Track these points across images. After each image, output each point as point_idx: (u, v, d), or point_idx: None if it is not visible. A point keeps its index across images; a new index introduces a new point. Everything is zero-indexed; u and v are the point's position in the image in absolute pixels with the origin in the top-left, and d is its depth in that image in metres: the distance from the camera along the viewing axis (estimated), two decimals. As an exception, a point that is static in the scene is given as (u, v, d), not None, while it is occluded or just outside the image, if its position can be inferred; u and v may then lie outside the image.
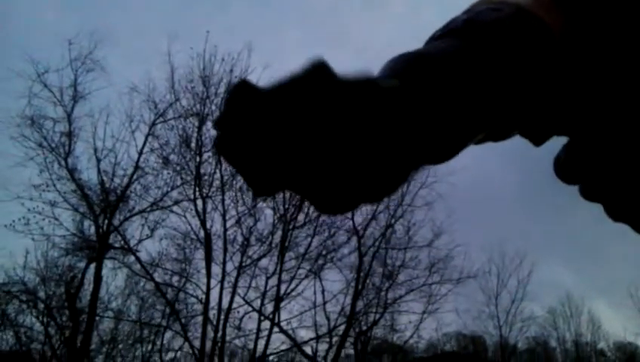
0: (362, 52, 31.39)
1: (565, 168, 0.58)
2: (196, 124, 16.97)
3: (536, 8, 0.52)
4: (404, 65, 0.49)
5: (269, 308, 17.17)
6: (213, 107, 17.06)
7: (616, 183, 0.57)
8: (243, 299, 16.88)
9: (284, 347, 17.82)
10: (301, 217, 17.29)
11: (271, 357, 17.93)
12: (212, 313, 16.33)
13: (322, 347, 18.21)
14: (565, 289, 31.07)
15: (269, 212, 17.26)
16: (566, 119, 0.55)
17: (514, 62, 0.49)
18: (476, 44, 0.50)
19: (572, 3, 0.54)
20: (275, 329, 17.02)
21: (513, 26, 0.51)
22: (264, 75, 17.11)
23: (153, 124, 16.82)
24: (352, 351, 19.56)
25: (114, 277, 17.57)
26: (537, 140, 0.57)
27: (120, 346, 18.24)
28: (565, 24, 0.53)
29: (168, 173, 16.78)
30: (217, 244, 16.62)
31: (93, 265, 16.11)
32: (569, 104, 0.54)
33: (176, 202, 16.70)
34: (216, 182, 16.79)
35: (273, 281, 17.04)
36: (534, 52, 0.50)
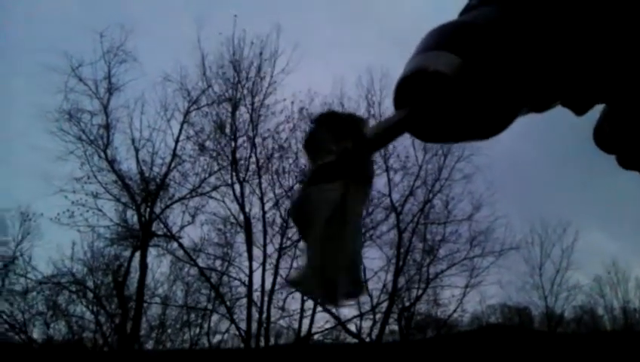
0: (387, 28, 31.00)
1: (604, 136, 0.58)
2: (229, 109, 17.06)
3: None
4: (457, 38, 0.49)
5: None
6: (245, 91, 17.13)
7: None
8: (285, 279, 17.02)
9: (328, 325, 17.95)
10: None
11: (316, 336, 18.07)
12: (256, 295, 16.55)
13: (366, 324, 18.29)
14: (611, 256, 30.46)
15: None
16: (610, 85, 0.54)
17: (562, 21, 0.49)
18: (525, 9, 0.49)
19: None
20: (319, 308, 17.17)
21: None
22: (294, 55, 17.13)
23: (187, 111, 16.98)
24: (396, 327, 19.61)
25: (159, 264, 17.87)
26: (580, 109, 0.56)
27: (168, 331, 18.61)
28: None
29: (205, 160, 16.95)
30: (257, 227, 16.77)
31: (138, 254, 16.45)
32: (611, 68, 0.52)
33: (215, 188, 16.89)
34: (253, 166, 16.90)
35: (314, 261, 17.10)
36: (583, 10, 0.49)
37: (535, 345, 20.75)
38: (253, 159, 16.88)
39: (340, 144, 0.47)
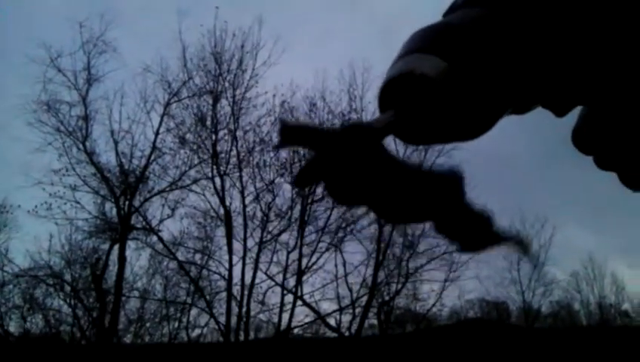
0: (375, 16, 30.99)
1: (582, 138, 0.58)
2: (210, 101, 16.99)
3: None
4: (443, 41, 0.49)
5: (292, 282, 17.32)
6: (227, 84, 17.06)
7: (631, 153, 0.57)
8: (265, 273, 17.02)
9: (308, 319, 18.00)
10: (319, 191, 17.35)
11: (295, 330, 18.11)
12: (236, 289, 16.53)
13: (346, 318, 18.37)
14: (588, 251, 30.87)
15: (287, 187, 17.33)
16: (590, 87, 0.54)
17: (545, 22, 0.50)
18: (509, 10, 0.50)
19: None
20: (299, 302, 17.20)
21: None
22: (276, 48, 17.10)
23: (168, 103, 16.90)
24: (375, 321, 19.72)
25: (138, 258, 17.81)
26: (560, 111, 0.56)
27: (147, 324, 18.55)
28: None
29: (185, 153, 16.89)
30: (237, 221, 16.75)
31: (116, 247, 16.34)
32: (594, 69, 0.53)
33: (195, 181, 16.83)
34: (233, 160, 16.86)
35: (294, 255, 17.16)
36: (567, 9, 0.50)
37: (512, 339, 20.96)
38: (234, 152, 16.86)
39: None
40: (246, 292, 16.49)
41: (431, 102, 0.47)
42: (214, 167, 16.65)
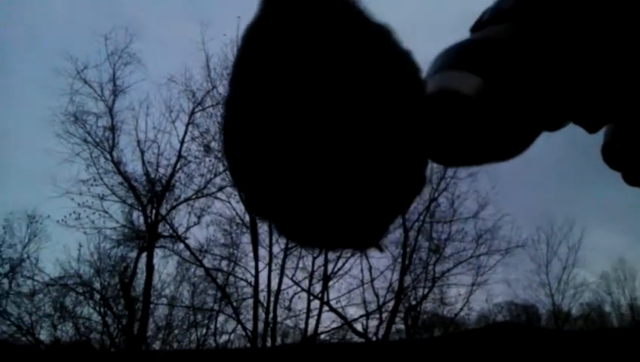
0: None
1: (613, 153, 0.58)
2: (234, 109, 17.04)
3: None
4: (477, 58, 0.48)
5: (318, 287, 17.33)
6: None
7: None
8: (291, 279, 17.06)
9: (334, 325, 17.98)
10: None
11: (322, 336, 18.09)
12: (262, 295, 16.58)
13: (372, 323, 18.30)
14: (618, 253, 30.40)
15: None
16: (621, 104, 0.53)
17: (578, 38, 0.48)
18: (538, 27, 0.49)
19: None
20: (325, 308, 17.19)
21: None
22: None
23: (192, 112, 17.05)
24: (402, 326, 19.59)
25: (165, 265, 17.91)
26: (592, 127, 0.55)
27: (175, 331, 18.64)
28: None
29: (210, 161, 17.00)
30: (263, 228, 16.78)
31: (144, 255, 16.52)
32: (626, 86, 0.52)
33: (220, 188, 16.92)
34: (258, 166, 16.86)
35: (320, 261, 17.17)
36: (598, 23, 0.49)
37: (542, 342, 20.72)
38: (258, 159, 16.85)
39: None
40: (272, 299, 16.57)
41: (468, 121, 0.46)
42: (239, 174, 16.70)
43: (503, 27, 0.51)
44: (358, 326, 18.31)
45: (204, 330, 18.81)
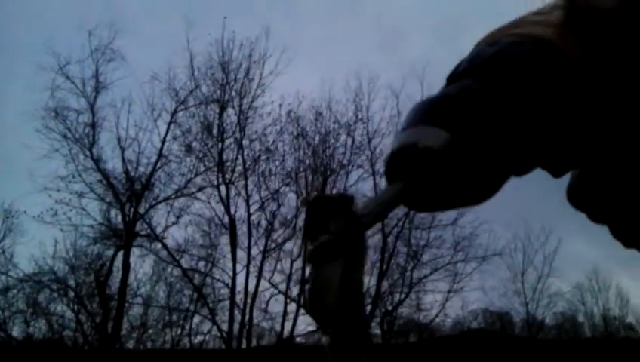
0: (378, 21, 30.98)
1: (575, 195, 0.61)
2: (217, 110, 17.03)
3: (556, 39, 0.55)
4: (444, 113, 0.52)
5: (295, 290, 17.32)
6: (233, 93, 17.10)
7: (622, 214, 0.60)
8: (269, 282, 17.04)
9: (310, 328, 17.97)
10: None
11: (298, 339, 18.11)
12: (239, 297, 16.54)
13: (348, 327, 18.28)
14: (592, 263, 30.71)
15: (292, 196, 17.33)
16: (584, 150, 0.57)
17: (541, 93, 0.52)
18: (505, 83, 0.52)
19: (589, 34, 0.56)
20: (302, 311, 17.17)
21: (538, 60, 0.53)
22: (282, 57, 17.14)
23: (175, 111, 16.94)
24: (378, 331, 19.66)
25: (142, 264, 17.83)
26: (557, 172, 0.58)
27: (150, 331, 18.58)
28: (584, 54, 0.54)
29: (191, 161, 16.92)
30: (242, 229, 16.77)
31: (121, 253, 16.38)
32: (588, 135, 0.55)
33: (200, 188, 16.85)
34: (239, 168, 16.89)
35: (298, 264, 17.15)
36: (561, 82, 0.53)
37: (516, 350, 20.90)
38: (240, 161, 16.89)
39: (334, 224, 0.49)
40: (249, 300, 16.53)
41: (436, 173, 0.49)
42: (220, 175, 16.69)
43: (469, 82, 0.54)
44: (334, 330, 18.28)
45: (179, 330, 18.76)
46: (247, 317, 16.48)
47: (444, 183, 0.50)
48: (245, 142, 16.94)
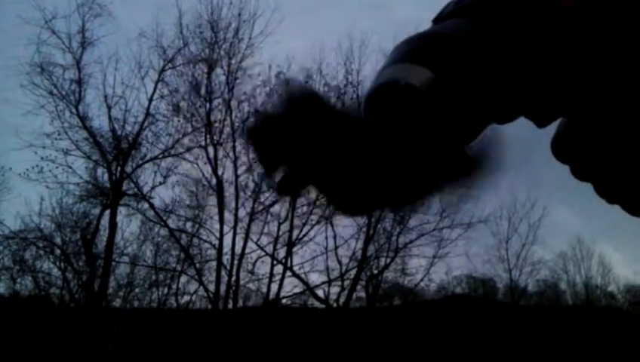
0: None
1: (561, 147, 0.60)
2: (205, 70, 16.85)
3: None
4: (430, 51, 0.49)
5: (282, 253, 17.43)
6: (222, 52, 16.90)
7: (607, 166, 0.58)
8: (256, 243, 17.12)
9: (296, 290, 18.17)
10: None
11: (284, 300, 18.29)
12: (226, 258, 16.63)
13: (334, 290, 18.51)
14: (576, 233, 31.11)
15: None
16: (570, 101, 0.55)
17: (530, 38, 0.50)
18: (491, 24, 0.50)
19: None
20: (288, 273, 17.33)
21: (532, 6, 0.51)
22: (273, 18, 16.92)
23: (162, 70, 16.76)
24: (363, 294, 19.90)
25: (128, 224, 17.84)
26: (541, 122, 0.57)
27: (137, 290, 18.65)
28: (579, 5, 0.52)
29: (179, 120, 16.81)
30: (229, 191, 16.77)
31: (107, 212, 16.38)
32: (575, 85, 0.54)
33: (188, 149, 16.79)
34: (227, 129, 16.80)
35: (285, 227, 17.24)
36: (552, 31, 0.51)
37: (498, 315, 21.23)
38: (228, 122, 16.78)
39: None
40: (236, 262, 16.61)
41: (416, 113, 0.47)
42: (208, 135, 16.62)
43: (461, 21, 0.52)
44: (320, 293, 18.53)
45: (166, 290, 18.88)
46: (233, 278, 16.60)
47: (423, 124, 0.47)
48: (234, 103, 16.84)
